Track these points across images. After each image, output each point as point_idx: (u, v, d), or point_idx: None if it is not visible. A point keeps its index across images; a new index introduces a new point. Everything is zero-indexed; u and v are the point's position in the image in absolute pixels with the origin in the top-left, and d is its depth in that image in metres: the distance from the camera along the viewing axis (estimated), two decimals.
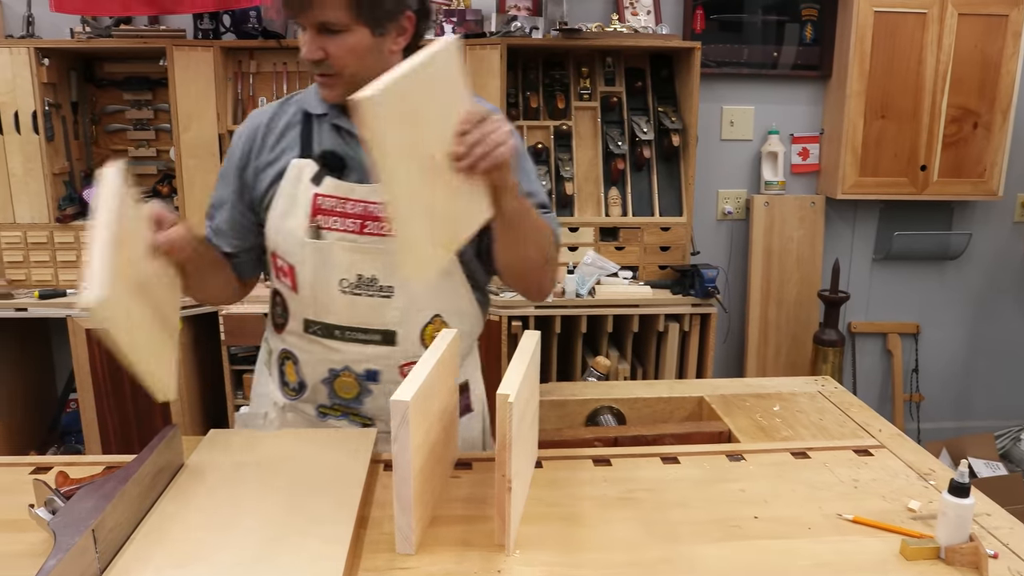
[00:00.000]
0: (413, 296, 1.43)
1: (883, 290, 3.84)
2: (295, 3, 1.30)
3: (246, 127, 1.51)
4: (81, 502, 1.05)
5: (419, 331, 1.46)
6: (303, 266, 1.43)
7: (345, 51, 1.33)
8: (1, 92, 3.08)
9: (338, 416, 1.53)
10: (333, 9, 1.29)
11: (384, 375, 1.47)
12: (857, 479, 1.33)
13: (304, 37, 1.34)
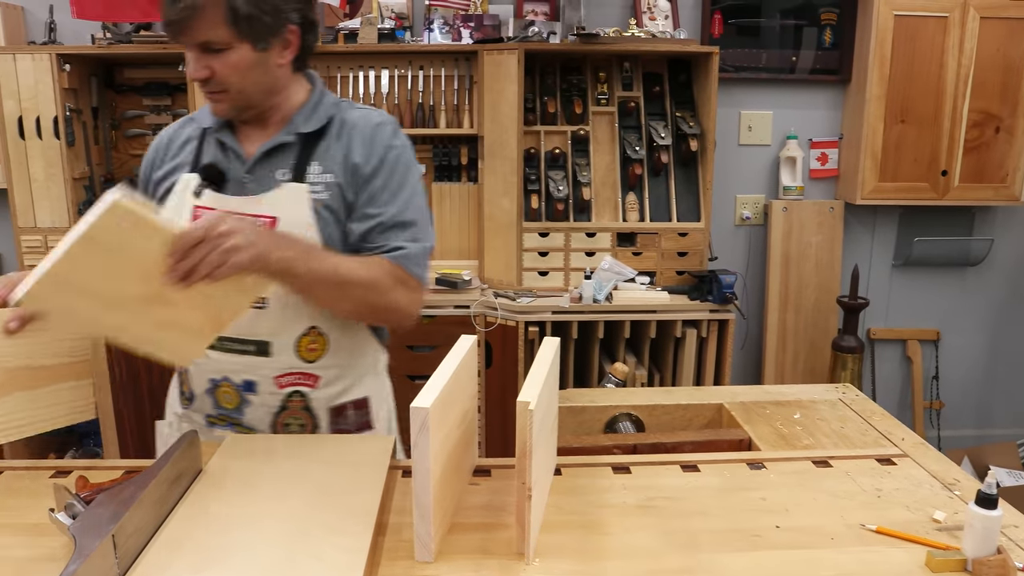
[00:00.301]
0: (286, 309, 1.44)
1: (903, 296, 3.80)
2: (175, 25, 1.32)
3: (154, 142, 1.58)
4: (101, 507, 1.05)
5: (294, 343, 1.46)
6: None
7: (229, 68, 1.36)
8: (23, 98, 3.11)
9: (224, 426, 1.53)
10: (213, 28, 1.32)
11: (260, 386, 1.48)
12: (880, 488, 1.31)
13: (189, 57, 1.37)
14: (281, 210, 1.41)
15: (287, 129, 1.45)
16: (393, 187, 1.46)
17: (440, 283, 3.15)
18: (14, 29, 3.31)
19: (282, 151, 1.45)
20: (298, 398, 1.49)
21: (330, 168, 1.44)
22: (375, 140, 1.46)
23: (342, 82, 3.33)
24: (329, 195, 1.43)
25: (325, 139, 1.46)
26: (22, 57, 3.08)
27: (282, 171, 1.44)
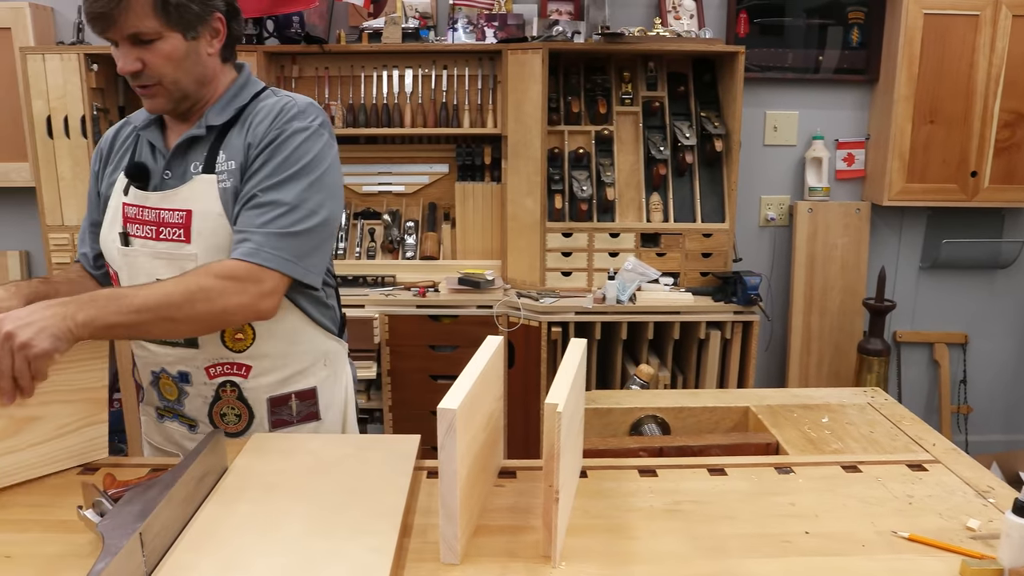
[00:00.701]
0: None
1: (930, 299, 3.75)
2: (103, 18, 1.31)
3: (102, 140, 1.60)
4: (128, 505, 1.05)
5: (219, 333, 1.47)
6: (121, 272, 1.50)
7: (162, 59, 1.37)
8: (52, 98, 3.14)
9: (171, 417, 1.57)
10: (141, 19, 1.32)
11: (194, 377, 1.50)
12: (912, 495, 1.29)
13: (118, 51, 1.36)
14: (194, 203, 1.43)
15: (199, 123, 1.46)
16: (274, 164, 1.40)
17: (463, 283, 3.14)
18: (44, 30, 3.34)
19: (197, 144, 1.46)
20: (230, 388, 1.51)
21: (232, 156, 1.44)
22: (273, 121, 1.44)
23: (366, 81, 3.34)
24: (231, 182, 1.43)
25: (235, 129, 1.47)
26: (51, 57, 3.11)
27: (196, 164, 1.45)
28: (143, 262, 1.46)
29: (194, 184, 1.44)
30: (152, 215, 1.44)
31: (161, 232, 1.44)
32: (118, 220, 1.48)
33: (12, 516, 1.20)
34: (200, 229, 1.42)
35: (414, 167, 3.45)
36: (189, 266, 1.41)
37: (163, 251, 1.44)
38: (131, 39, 1.34)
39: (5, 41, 3.26)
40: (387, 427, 3.20)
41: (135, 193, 1.47)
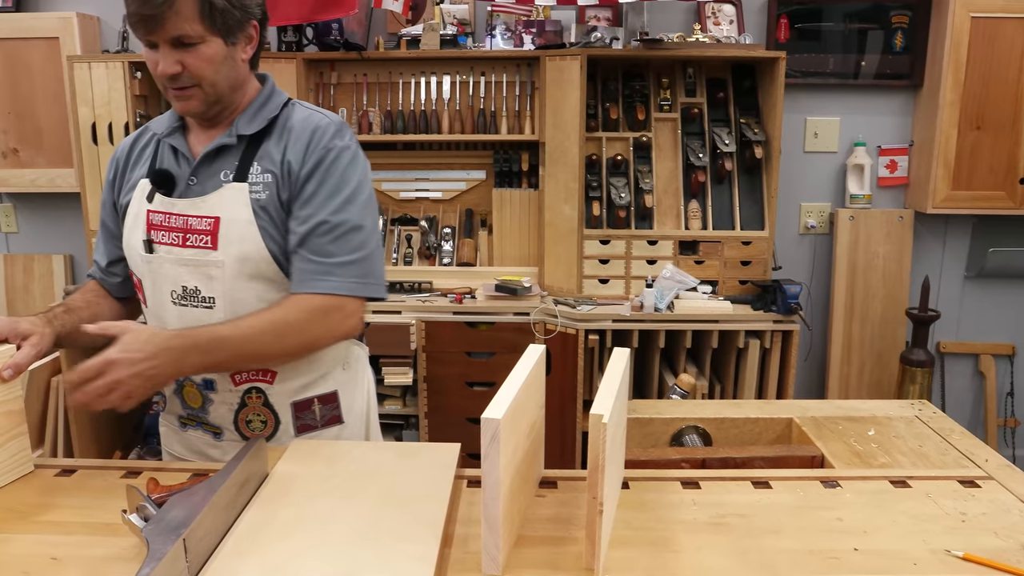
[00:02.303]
0: (235, 307, 1.44)
1: (975, 309, 3.67)
2: (149, 21, 1.32)
3: (118, 148, 1.60)
4: (172, 510, 1.06)
5: None
6: (145, 279, 1.50)
7: (203, 62, 1.38)
8: (97, 104, 3.20)
9: (194, 426, 1.56)
10: (187, 22, 1.33)
11: (219, 384, 1.50)
12: (965, 512, 1.25)
13: (154, 54, 1.37)
14: (222, 210, 1.43)
15: (229, 131, 1.47)
16: (329, 188, 1.44)
17: (500, 290, 3.14)
18: (90, 39, 3.41)
19: (227, 152, 1.47)
20: (256, 394, 1.51)
21: (268, 168, 1.45)
22: (312, 141, 1.45)
23: (404, 87, 3.35)
24: (267, 195, 1.44)
25: (268, 140, 1.47)
26: (96, 65, 3.17)
27: (226, 172, 1.46)
28: (168, 269, 1.46)
29: (224, 192, 1.44)
30: (179, 222, 1.45)
31: (188, 239, 1.44)
32: (141, 227, 1.49)
33: (57, 518, 1.21)
34: (228, 236, 1.43)
35: (451, 173, 3.46)
36: (215, 273, 1.43)
37: (189, 258, 1.44)
38: (173, 42, 1.35)
39: (53, 50, 3.33)
40: (423, 433, 3.20)
41: (160, 200, 1.47)
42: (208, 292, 1.45)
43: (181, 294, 1.46)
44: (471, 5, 3.39)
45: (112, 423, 3.62)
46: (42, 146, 3.45)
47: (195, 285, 1.45)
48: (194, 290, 1.45)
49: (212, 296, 1.44)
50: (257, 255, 1.43)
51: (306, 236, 1.42)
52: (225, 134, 1.47)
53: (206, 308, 1.45)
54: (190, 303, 1.46)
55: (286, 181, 1.44)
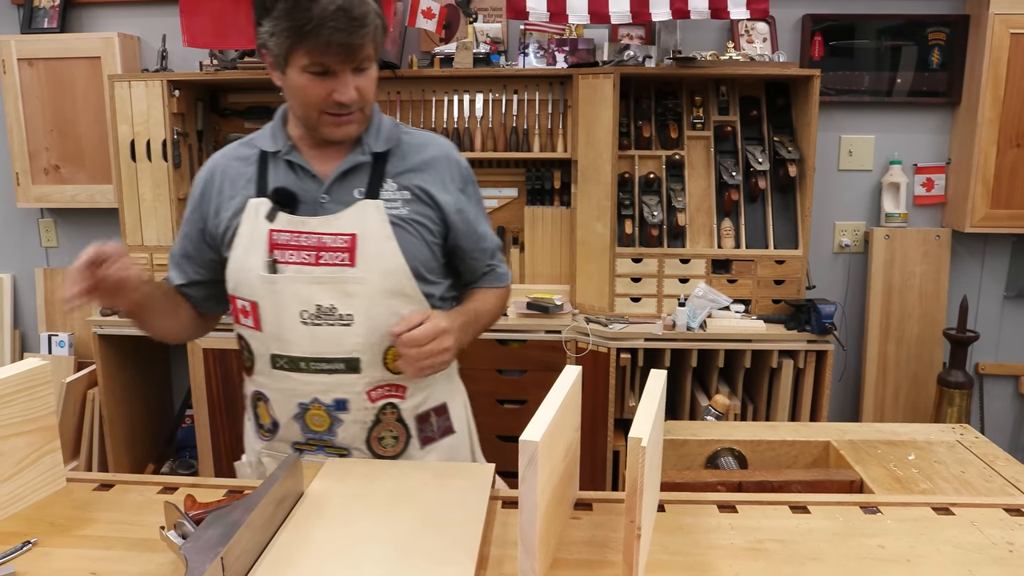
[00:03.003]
0: (373, 324, 1.45)
1: (1016, 330, 3.60)
2: (345, 51, 1.32)
3: (206, 169, 1.57)
4: (210, 528, 1.06)
5: (382, 356, 1.47)
6: (264, 301, 1.46)
7: (371, 84, 1.42)
8: (136, 122, 3.25)
9: (314, 450, 1.52)
10: (369, 46, 1.35)
11: (352, 403, 1.48)
12: (1012, 542, 1.22)
13: (324, 82, 1.35)
14: (359, 227, 1.44)
15: (360, 149, 1.48)
16: (476, 202, 1.59)
17: (531, 307, 3.13)
18: (130, 58, 3.48)
19: (355, 170, 1.48)
20: (391, 410, 1.51)
21: (406, 185, 1.48)
22: (460, 171, 1.55)
23: (437, 105, 3.37)
24: (408, 211, 1.47)
25: (394, 158, 1.50)
26: (136, 84, 3.23)
27: (358, 189, 1.47)
28: (298, 288, 1.44)
29: (359, 208, 1.45)
30: (312, 240, 1.44)
31: (321, 257, 1.44)
32: (260, 248, 1.46)
33: (96, 532, 1.23)
34: (366, 252, 1.43)
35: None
36: (353, 289, 1.43)
37: (324, 276, 1.44)
38: (355, 68, 1.36)
39: (95, 69, 3.40)
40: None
41: (286, 218, 1.45)
42: (346, 309, 1.44)
43: (314, 313, 1.44)
44: (504, 24, 3.41)
45: (146, 436, 3.66)
46: (83, 163, 3.52)
47: (331, 303, 1.44)
48: (330, 308, 1.44)
49: (350, 313, 1.44)
50: (398, 271, 1.45)
51: (484, 253, 1.62)
52: (357, 152, 1.48)
53: (343, 326, 1.44)
54: (325, 322, 1.44)
55: (435, 206, 1.50)
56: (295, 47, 1.33)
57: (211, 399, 3.25)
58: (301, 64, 1.34)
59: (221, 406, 3.26)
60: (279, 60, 1.37)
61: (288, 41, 1.33)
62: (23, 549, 1.16)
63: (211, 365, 3.21)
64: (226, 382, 3.23)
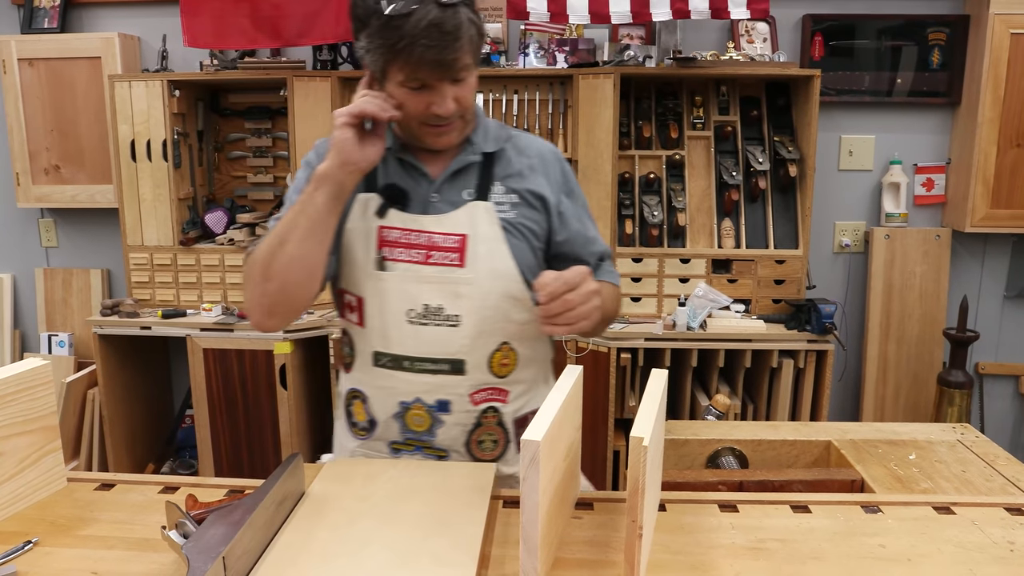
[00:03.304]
0: (482, 326, 1.42)
1: (1016, 330, 3.60)
2: (439, 67, 1.29)
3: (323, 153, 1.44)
4: (212, 528, 1.06)
5: (487, 359, 1.45)
6: (371, 298, 1.44)
7: (469, 93, 1.37)
8: (136, 122, 3.26)
9: (411, 451, 1.49)
10: (464, 57, 1.31)
11: (455, 405, 1.46)
12: (1013, 542, 1.22)
13: (421, 96, 1.33)
14: (471, 227, 1.42)
15: (471, 149, 1.46)
16: (585, 212, 1.57)
17: None
18: (130, 58, 3.48)
19: (465, 171, 1.46)
20: (492, 414, 1.48)
21: (514, 188, 1.46)
22: (563, 173, 1.53)
23: None
24: (515, 214, 1.45)
25: (502, 160, 1.48)
26: (136, 84, 3.23)
27: (468, 191, 1.45)
28: (407, 287, 1.42)
29: (470, 209, 1.43)
30: (423, 239, 1.42)
31: (431, 256, 1.42)
32: (369, 243, 1.43)
33: (97, 532, 1.22)
34: (476, 254, 1.41)
35: None
36: (464, 290, 1.41)
37: (433, 275, 1.42)
38: (453, 79, 1.33)
39: (95, 69, 3.40)
40: None
41: (397, 216, 1.43)
42: (454, 310, 1.42)
43: (422, 312, 1.42)
44: (504, 24, 3.41)
45: (146, 436, 3.66)
46: (83, 163, 3.52)
47: (439, 303, 1.42)
48: (437, 308, 1.42)
49: (458, 314, 1.42)
50: (507, 273, 1.43)
51: (593, 255, 1.55)
52: (468, 152, 1.46)
53: (451, 326, 1.42)
54: (432, 321, 1.42)
55: (542, 209, 1.48)
56: (390, 64, 1.31)
57: (211, 399, 3.25)
58: (398, 80, 1.33)
59: (221, 406, 3.26)
60: (376, 75, 1.36)
61: (383, 59, 1.31)
62: (24, 549, 1.16)
63: (211, 365, 3.21)
64: (226, 382, 3.23)
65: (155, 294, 3.42)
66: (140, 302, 3.40)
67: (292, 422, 3.22)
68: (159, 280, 3.40)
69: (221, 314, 3.29)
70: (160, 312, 3.29)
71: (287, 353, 3.15)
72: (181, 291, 3.40)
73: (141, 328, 3.26)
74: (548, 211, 1.49)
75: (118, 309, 3.31)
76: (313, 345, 3.27)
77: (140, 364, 3.58)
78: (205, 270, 3.38)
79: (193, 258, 3.38)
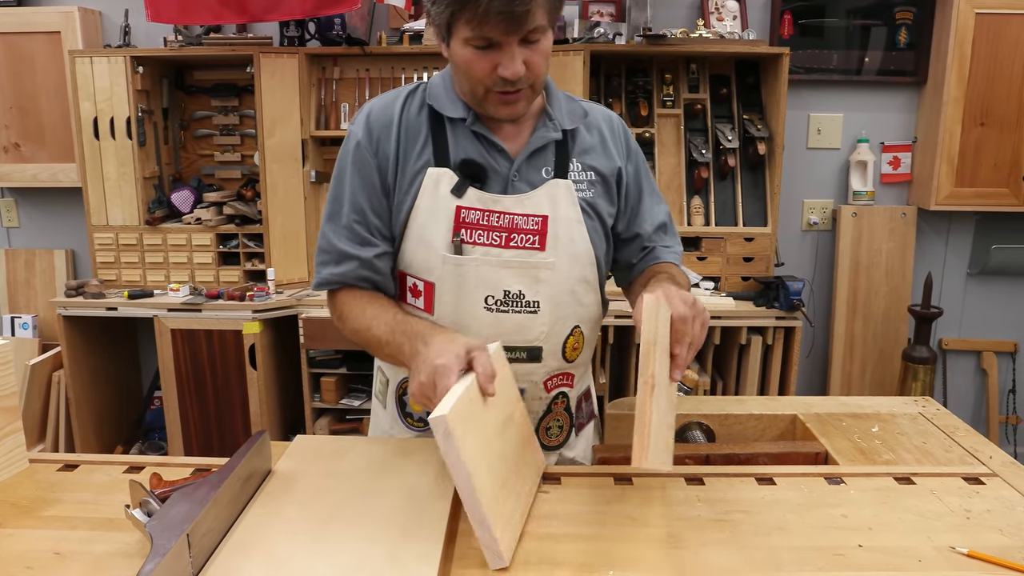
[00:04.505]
0: (559, 311, 1.37)
1: (978, 306, 3.66)
2: (508, 20, 1.17)
3: (377, 123, 1.37)
4: (176, 506, 1.05)
5: (562, 344, 1.40)
6: (444, 283, 1.34)
7: (542, 58, 1.26)
8: (99, 100, 3.19)
9: None
10: (538, 13, 1.20)
11: (529, 392, 1.41)
12: (969, 510, 1.24)
13: (489, 55, 1.23)
14: (551, 208, 1.35)
15: (552, 125, 1.37)
16: (647, 175, 1.50)
17: None
18: (91, 33, 3.40)
19: (543, 147, 1.37)
20: (562, 399, 1.46)
21: (591, 166, 1.40)
22: (627, 141, 1.47)
23: (406, 83, 3.33)
24: (593, 193, 1.39)
25: (577, 135, 1.40)
26: (98, 60, 3.16)
27: (546, 168, 1.37)
28: (486, 272, 1.33)
29: (549, 188, 1.35)
30: (504, 220, 1.33)
31: (512, 239, 1.33)
32: (444, 224, 1.33)
33: (60, 513, 1.21)
34: (557, 235, 1.35)
35: None
36: (544, 275, 1.34)
37: (513, 259, 1.34)
38: (523, 39, 1.22)
39: (55, 44, 3.33)
40: None
41: (476, 195, 1.33)
42: (533, 296, 1.35)
43: (501, 299, 1.34)
44: None
45: (114, 418, 3.62)
46: (44, 141, 3.45)
47: (519, 289, 1.34)
48: (518, 294, 1.34)
49: (537, 300, 1.35)
50: (585, 256, 1.38)
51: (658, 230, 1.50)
52: (549, 128, 1.37)
53: (530, 313, 1.35)
54: (512, 308, 1.34)
55: (611, 183, 1.42)
56: (456, 16, 1.20)
57: (180, 380, 3.22)
58: (464, 36, 1.22)
59: (190, 387, 3.23)
60: (441, 30, 1.27)
61: (449, 9, 1.20)
62: None
63: (179, 345, 3.18)
64: (195, 363, 3.20)
65: (121, 274, 3.37)
66: (106, 283, 3.35)
67: (262, 402, 3.20)
68: (125, 260, 3.35)
69: (189, 294, 3.26)
70: (126, 293, 3.25)
71: (256, 333, 3.12)
72: (148, 271, 3.36)
73: (107, 309, 3.22)
74: (620, 186, 1.44)
75: (83, 290, 3.26)
76: (282, 325, 3.25)
77: (107, 345, 3.53)
78: (172, 250, 3.34)
79: (160, 238, 3.33)
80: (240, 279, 3.36)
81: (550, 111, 1.38)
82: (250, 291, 3.20)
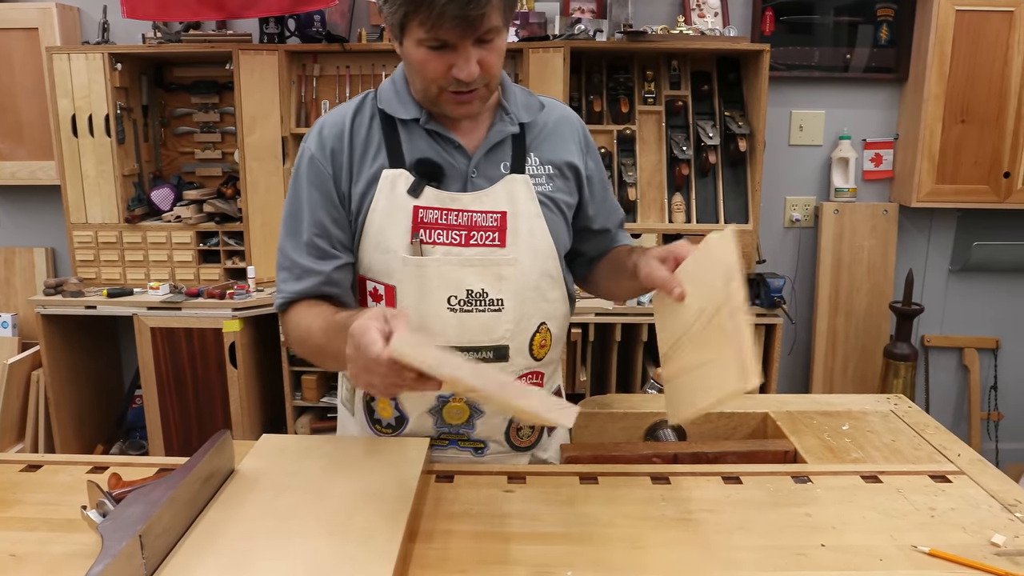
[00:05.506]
0: (523, 308, 1.36)
1: (960, 303, 3.67)
2: (463, 23, 1.16)
3: (329, 128, 1.37)
4: (131, 506, 1.04)
5: (528, 342, 1.38)
6: (405, 286, 1.32)
7: (497, 57, 1.25)
8: (77, 96, 3.17)
9: (446, 445, 1.42)
10: (493, 15, 1.18)
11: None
12: (934, 508, 1.24)
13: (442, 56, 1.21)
14: (510, 203, 1.34)
15: (508, 119, 1.36)
16: (604, 171, 1.53)
17: None
18: (69, 29, 3.38)
19: (500, 142, 1.37)
20: None
21: (548, 159, 1.39)
22: (585, 136, 1.47)
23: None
24: (552, 187, 1.38)
25: (533, 128, 1.39)
26: (76, 57, 3.14)
27: (504, 163, 1.36)
28: (447, 271, 1.31)
29: (507, 184, 1.34)
30: (463, 218, 1.32)
31: (472, 237, 1.32)
32: (402, 225, 1.31)
33: (20, 514, 1.20)
34: (517, 231, 1.34)
35: None
36: (506, 272, 1.33)
37: (474, 257, 1.32)
38: (478, 40, 1.20)
39: (32, 41, 3.30)
40: None
41: (433, 194, 1.31)
42: (497, 294, 1.33)
43: (464, 299, 1.32)
44: None
45: (94, 417, 3.60)
46: (22, 139, 3.42)
47: (482, 287, 1.32)
48: (481, 293, 1.32)
49: (500, 298, 1.33)
50: (547, 250, 1.36)
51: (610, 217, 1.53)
52: (506, 122, 1.36)
53: (494, 311, 1.33)
54: (475, 307, 1.33)
55: (573, 179, 1.42)
56: (409, 17, 1.18)
57: (160, 378, 3.20)
58: (417, 37, 1.20)
59: (170, 385, 3.21)
60: (394, 30, 1.25)
61: (402, 10, 1.18)
62: None
63: (159, 344, 3.16)
64: (175, 361, 3.18)
65: (101, 273, 3.35)
66: (85, 281, 3.33)
67: (242, 400, 3.18)
68: (104, 258, 3.33)
69: (169, 292, 3.24)
70: (106, 291, 3.23)
71: (236, 331, 3.11)
72: (128, 269, 3.34)
73: (86, 307, 3.20)
74: (580, 180, 1.43)
75: (62, 288, 3.24)
76: (262, 323, 3.24)
77: (86, 344, 3.51)
78: (152, 248, 3.32)
79: (139, 236, 3.31)
80: (220, 277, 3.35)
81: (506, 105, 1.37)
82: (230, 289, 3.18)
